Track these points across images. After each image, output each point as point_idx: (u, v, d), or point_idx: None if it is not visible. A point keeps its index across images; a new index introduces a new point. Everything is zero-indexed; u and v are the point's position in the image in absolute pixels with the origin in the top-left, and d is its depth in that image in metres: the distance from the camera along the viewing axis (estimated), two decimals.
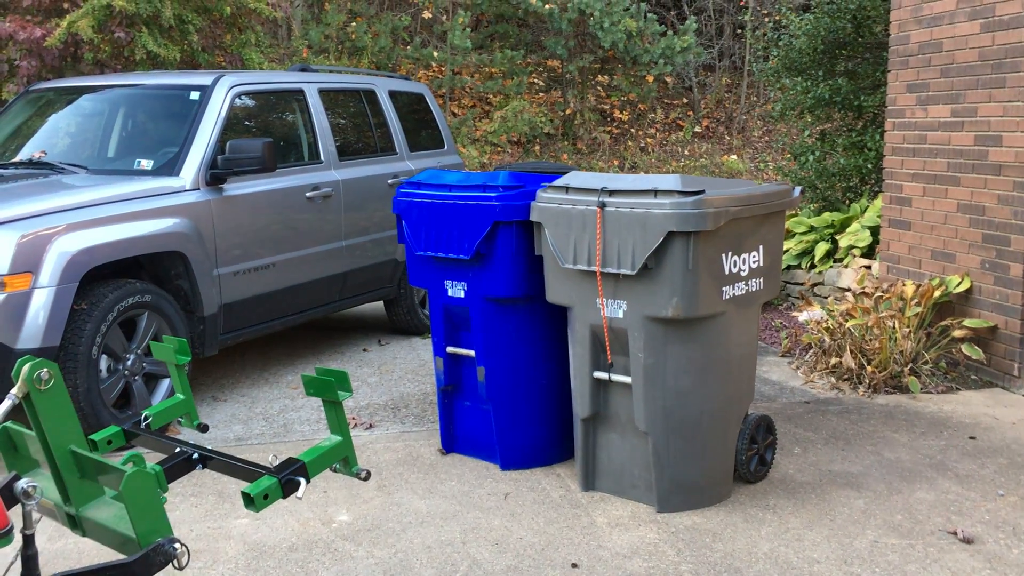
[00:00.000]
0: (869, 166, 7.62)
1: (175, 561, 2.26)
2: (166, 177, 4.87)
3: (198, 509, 3.77)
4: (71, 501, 2.42)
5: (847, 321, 5.38)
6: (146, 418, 2.91)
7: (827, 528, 3.54)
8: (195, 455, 2.63)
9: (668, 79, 14.76)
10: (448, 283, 4.15)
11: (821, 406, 4.97)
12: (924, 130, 5.80)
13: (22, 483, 2.21)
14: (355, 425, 4.73)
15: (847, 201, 8.00)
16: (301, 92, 5.84)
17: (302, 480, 2.48)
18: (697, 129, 14.25)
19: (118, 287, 4.47)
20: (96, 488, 2.46)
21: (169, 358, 2.96)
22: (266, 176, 5.30)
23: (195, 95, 5.24)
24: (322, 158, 5.81)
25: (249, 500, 2.39)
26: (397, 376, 5.64)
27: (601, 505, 3.77)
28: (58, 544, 3.44)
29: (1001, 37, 5.18)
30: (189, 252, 4.80)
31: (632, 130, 14.09)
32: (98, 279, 4.47)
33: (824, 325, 5.55)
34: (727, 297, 3.63)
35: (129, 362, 4.54)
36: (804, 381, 5.40)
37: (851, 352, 5.27)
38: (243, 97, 5.47)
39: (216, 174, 4.98)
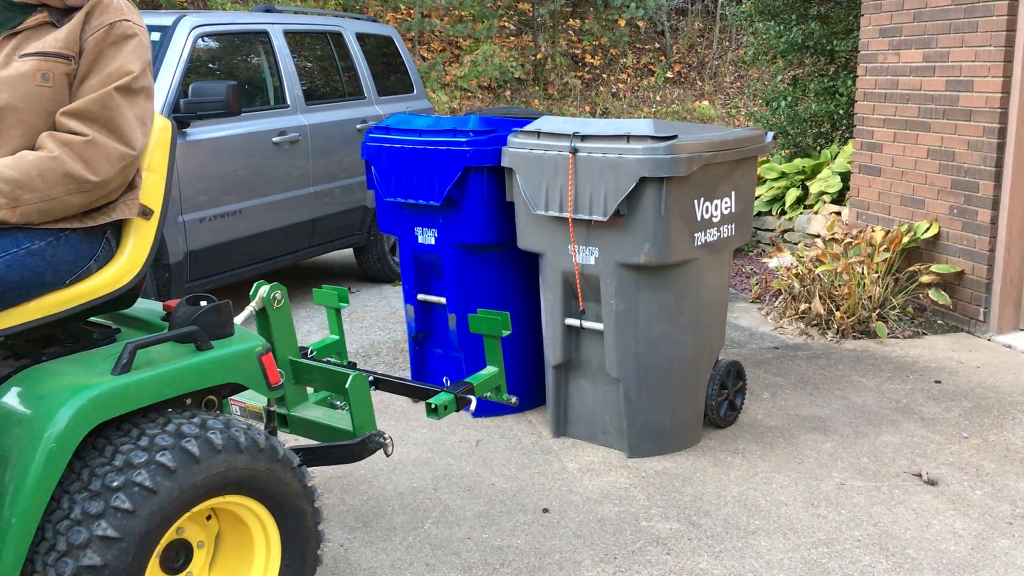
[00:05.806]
0: (840, 112, 7.60)
1: (384, 449, 2.72)
2: None
3: None
4: (285, 403, 2.90)
5: (816, 267, 5.41)
6: (312, 351, 3.30)
7: (795, 471, 3.59)
8: (371, 377, 3.02)
9: (640, 23, 14.60)
10: (418, 230, 4.11)
11: (790, 351, 5.01)
12: (896, 75, 5.78)
13: None
14: None
15: (818, 147, 8.00)
16: (266, 34, 5.69)
17: (472, 398, 2.95)
18: (669, 75, 14.15)
19: None
20: (303, 393, 2.96)
21: (331, 303, 3.37)
22: (231, 120, 5.19)
23: (155, 36, 5.10)
24: (288, 102, 5.70)
25: (432, 410, 2.87)
26: (368, 324, 5.60)
27: (572, 451, 3.79)
28: None
29: None
30: None
31: (604, 75, 13.96)
32: None
33: (794, 271, 5.57)
34: (699, 243, 3.61)
35: None
36: (774, 327, 5.44)
37: (820, 298, 5.31)
38: (206, 39, 5.32)
39: (179, 118, 4.86)
